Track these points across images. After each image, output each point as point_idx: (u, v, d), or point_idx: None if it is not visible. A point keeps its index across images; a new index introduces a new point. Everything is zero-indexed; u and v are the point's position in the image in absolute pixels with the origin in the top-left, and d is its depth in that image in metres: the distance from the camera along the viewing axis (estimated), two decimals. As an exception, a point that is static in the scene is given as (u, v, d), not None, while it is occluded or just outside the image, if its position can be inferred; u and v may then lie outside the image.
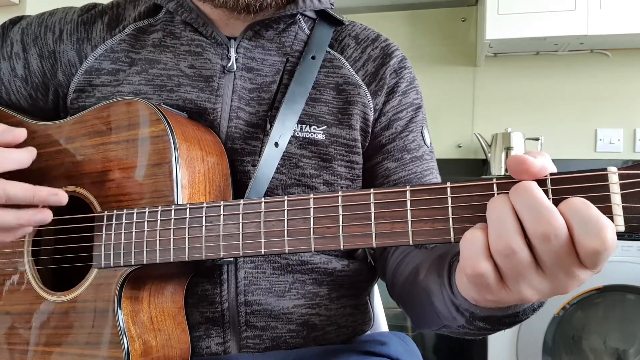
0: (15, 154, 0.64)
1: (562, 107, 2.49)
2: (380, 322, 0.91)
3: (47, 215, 0.63)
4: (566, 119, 2.48)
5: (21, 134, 0.65)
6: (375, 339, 0.78)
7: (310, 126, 0.73)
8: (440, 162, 0.83)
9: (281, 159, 0.71)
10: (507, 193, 0.43)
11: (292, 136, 0.72)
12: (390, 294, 0.77)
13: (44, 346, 0.66)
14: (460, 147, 2.61)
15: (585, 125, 2.46)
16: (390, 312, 1.02)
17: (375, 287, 0.90)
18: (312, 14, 0.81)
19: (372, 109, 0.77)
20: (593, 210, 0.40)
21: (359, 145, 0.76)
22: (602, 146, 2.44)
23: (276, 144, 0.70)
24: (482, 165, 2.56)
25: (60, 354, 0.65)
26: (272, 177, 0.70)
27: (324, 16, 0.81)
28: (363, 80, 0.77)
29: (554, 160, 0.45)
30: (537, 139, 2.42)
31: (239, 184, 0.71)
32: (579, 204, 0.41)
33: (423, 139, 0.79)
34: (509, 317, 0.53)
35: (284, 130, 0.71)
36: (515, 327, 1.87)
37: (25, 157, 0.64)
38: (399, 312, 0.76)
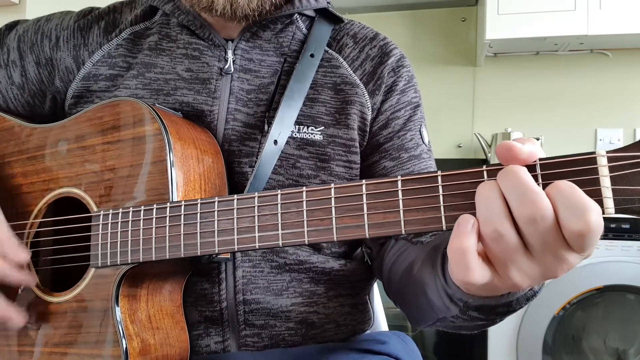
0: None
1: (562, 107, 2.49)
2: (380, 322, 0.91)
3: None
4: (566, 119, 2.48)
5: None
6: (375, 338, 0.78)
7: (307, 127, 0.73)
8: (440, 162, 0.82)
9: (279, 159, 0.71)
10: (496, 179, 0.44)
11: (290, 137, 0.72)
12: (387, 292, 0.77)
13: (43, 346, 0.66)
14: (460, 147, 2.61)
15: (585, 125, 2.46)
16: (390, 312, 1.02)
17: (375, 287, 0.90)
18: (310, 13, 0.80)
19: (370, 108, 0.76)
20: (578, 192, 0.40)
21: (357, 144, 0.76)
22: (602, 146, 2.44)
23: (275, 142, 0.70)
24: (482, 165, 2.55)
25: (59, 354, 0.65)
26: (270, 178, 0.70)
27: (322, 14, 0.81)
28: (361, 79, 0.77)
29: (554, 160, 0.45)
30: (537, 139, 2.41)
31: (237, 186, 0.71)
32: (564, 187, 0.41)
33: (421, 137, 0.79)
34: (503, 306, 0.53)
35: (283, 127, 0.71)
36: (516, 327, 1.87)
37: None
38: (399, 312, 0.76)
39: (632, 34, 2.11)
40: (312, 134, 0.73)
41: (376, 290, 0.92)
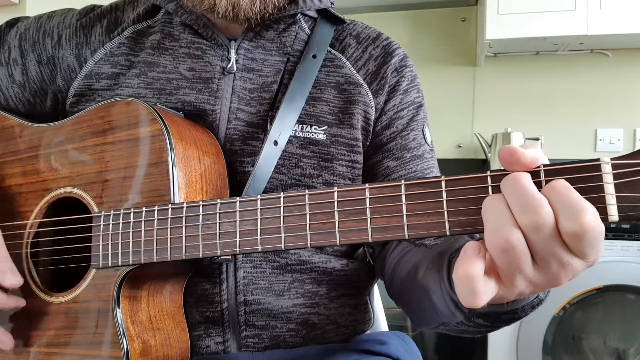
0: None
1: (562, 107, 2.49)
2: (380, 322, 0.91)
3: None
4: (566, 119, 2.48)
5: None
6: (375, 339, 0.78)
7: (311, 126, 0.73)
8: (440, 162, 0.82)
9: (281, 159, 0.71)
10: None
11: (292, 136, 0.72)
12: (389, 292, 0.77)
13: (43, 347, 0.66)
14: (460, 147, 2.61)
15: (585, 125, 2.46)
16: (390, 312, 1.02)
17: (375, 287, 0.90)
18: (313, 13, 0.80)
19: (373, 108, 0.77)
20: (573, 193, 0.40)
21: (360, 144, 0.76)
22: (602, 146, 2.44)
23: (275, 143, 0.70)
24: (482, 165, 2.56)
25: (60, 355, 0.65)
26: (272, 178, 0.70)
27: (325, 15, 0.81)
28: (364, 79, 0.77)
29: (554, 160, 0.45)
30: (537, 139, 2.41)
31: (238, 185, 0.71)
32: (561, 188, 0.41)
33: (424, 137, 0.79)
34: (508, 313, 0.53)
35: (283, 128, 0.71)
36: (516, 327, 1.87)
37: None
38: (399, 312, 0.76)
39: (632, 34, 2.11)
40: (315, 133, 0.73)
41: (376, 290, 0.92)
